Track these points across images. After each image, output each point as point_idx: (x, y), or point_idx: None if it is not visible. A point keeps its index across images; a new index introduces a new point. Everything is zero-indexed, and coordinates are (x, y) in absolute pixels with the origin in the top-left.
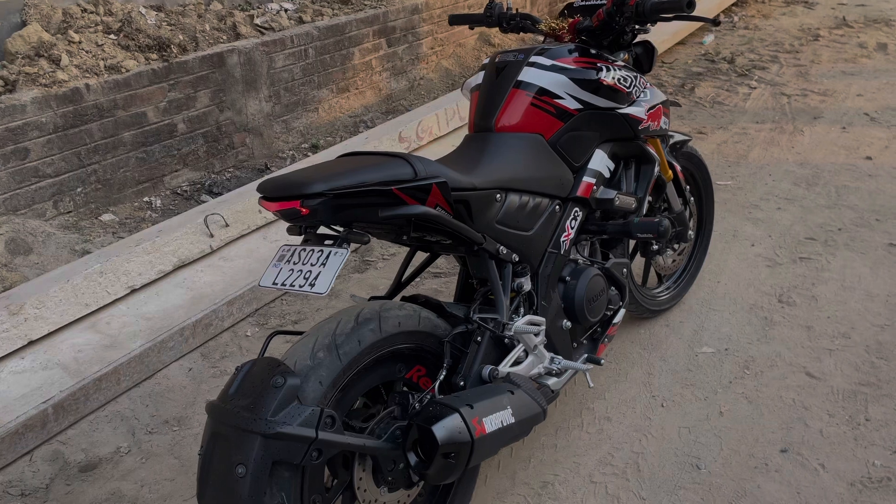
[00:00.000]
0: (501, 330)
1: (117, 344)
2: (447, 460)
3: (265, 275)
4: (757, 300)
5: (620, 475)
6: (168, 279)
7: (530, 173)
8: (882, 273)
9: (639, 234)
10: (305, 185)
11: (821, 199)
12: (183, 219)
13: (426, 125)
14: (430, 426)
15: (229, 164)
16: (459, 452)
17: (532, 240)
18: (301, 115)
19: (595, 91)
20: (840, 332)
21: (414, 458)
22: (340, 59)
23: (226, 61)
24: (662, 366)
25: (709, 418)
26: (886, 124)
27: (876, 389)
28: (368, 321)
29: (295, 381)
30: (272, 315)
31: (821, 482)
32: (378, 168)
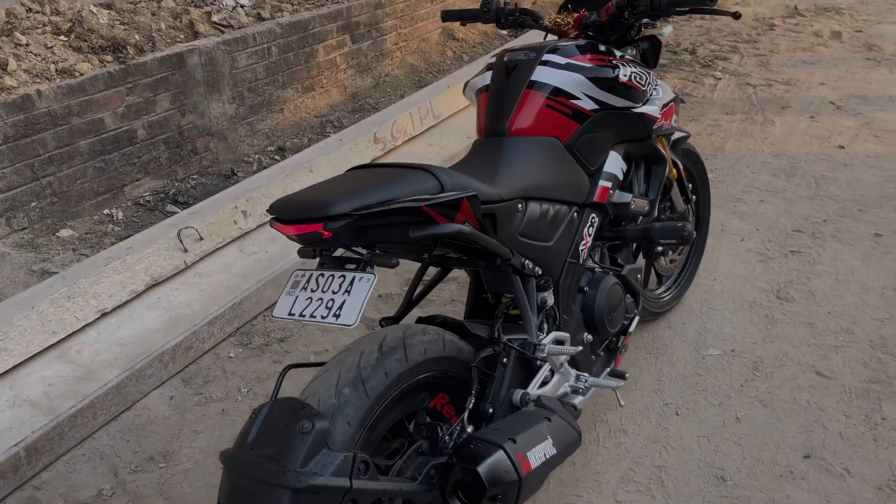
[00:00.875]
0: (533, 351)
1: (91, 374)
2: (494, 503)
3: (279, 304)
4: (755, 297)
5: (645, 492)
6: (141, 300)
7: (549, 180)
8: (873, 264)
9: (661, 240)
10: (328, 205)
11: (802, 191)
12: (153, 233)
13: (401, 125)
14: (474, 467)
15: (193, 170)
16: (507, 493)
17: (553, 251)
18: (266, 117)
19: (610, 90)
20: (842, 328)
21: (457, 502)
22: (304, 57)
23: (186, 62)
24: (671, 371)
25: (726, 425)
26: (853, 112)
27: (887, 387)
28: (393, 350)
29: (324, 425)
30: (255, 333)
31: (848, 488)
32: (402, 182)
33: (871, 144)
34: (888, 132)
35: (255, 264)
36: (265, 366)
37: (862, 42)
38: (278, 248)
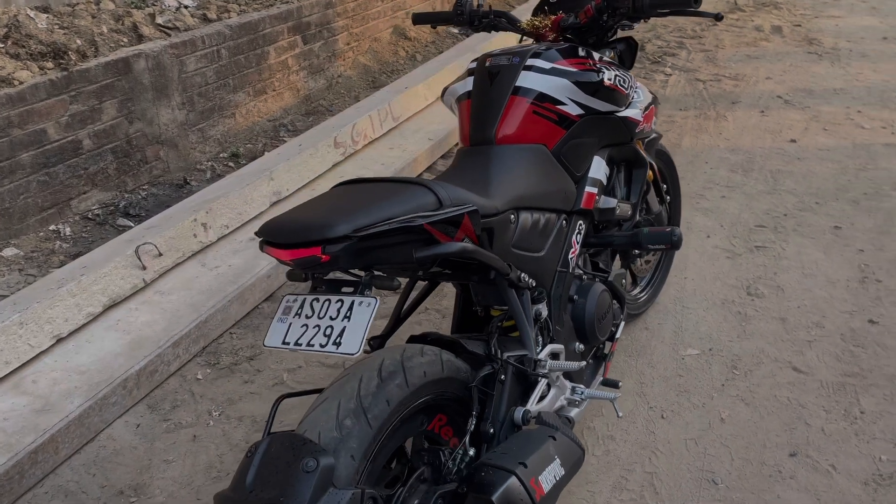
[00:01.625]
0: (534, 367)
1: (51, 406)
2: None
3: (271, 332)
4: (726, 294)
5: (639, 499)
6: (99, 322)
7: (539, 188)
8: (835, 257)
9: (651, 245)
10: (326, 227)
11: (760, 185)
12: (108, 250)
13: (360, 128)
14: (490, 496)
15: (143, 180)
16: None
17: (544, 261)
18: (217, 122)
19: (595, 94)
20: (813, 322)
21: None
22: (255, 60)
23: (132, 67)
24: (652, 373)
25: (712, 426)
26: (800, 106)
27: (862, 380)
28: (393, 375)
29: (329, 462)
30: (222, 352)
31: (836, 485)
32: (400, 199)
33: (821, 137)
34: (835, 125)
35: (218, 279)
36: (236, 386)
37: (802, 36)
38: (242, 261)
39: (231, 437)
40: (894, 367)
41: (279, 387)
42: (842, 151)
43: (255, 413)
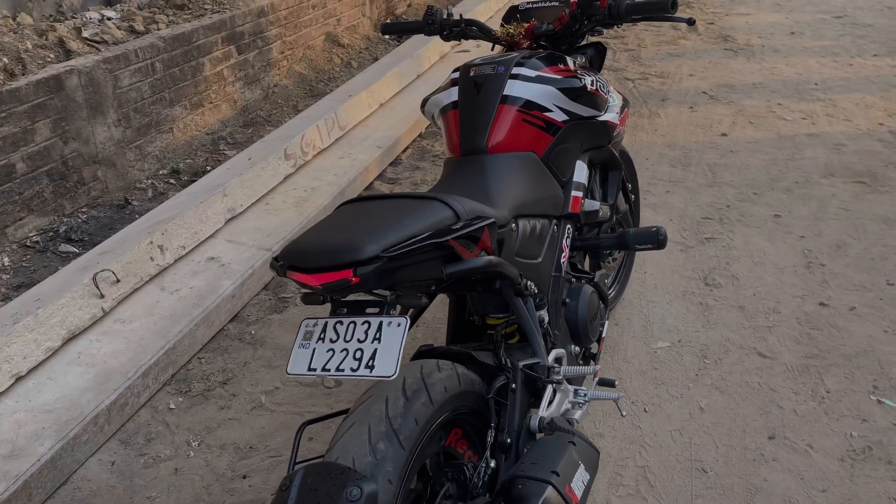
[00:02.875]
0: (548, 375)
1: (19, 450)
2: None
3: (293, 359)
4: (686, 286)
5: (636, 494)
6: (59, 357)
7: (533, 195)
8: (779, 244)
9: (637, 245)
10: (355, 248)
11: (700, 179)
12: (61, 280)
13: (309, 138)
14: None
15: (81, 203)
16: None
17: (542, 267)
18: (155, 138)
19: (578, 99)
20: (770, 308)
21: None
22: (191, 72)
23: (65, 84)
24: (629, 368)
25: (692, 416)
26: (725, 101)
27: (822, 360)
28: (418, 393)
29: (372, 488)
30: (193, 379)
31: (816, 463)
32: (420, 216)
33: (749, 131)
34: (760, 118)
35: (181, 303)
36: (212, 413)
37: (716, 34)
38: (203, 282)
39: (216, 467)
40: (850, 346)
41: (258, 410)
42: (769, 143)
43: (238, 440)
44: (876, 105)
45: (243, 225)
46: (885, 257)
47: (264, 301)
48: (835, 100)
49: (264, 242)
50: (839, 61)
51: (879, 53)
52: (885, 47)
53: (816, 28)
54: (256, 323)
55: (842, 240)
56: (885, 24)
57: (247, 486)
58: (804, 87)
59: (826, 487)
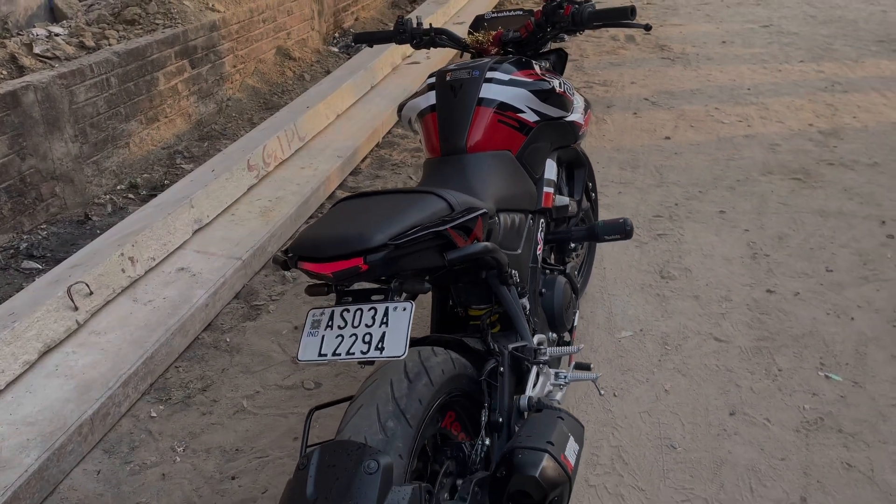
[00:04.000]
0: (534, 356)
1: (5, 462)
2: None
3: (303, 347)
4: (643, 280)
5: (612, 472)
6: (37, 370)
7: (511, 191)
8: (726, 238)
9: (606, 236)
10: (364, 238)
11: (649, 180)
12: (34, 294)
13: (270, 150)
14: (534, 474)
15: (40, 219)
16: (562, 494)
17: (521, 258)
18: (112, 153)
19: (547, 101)
20: (722, 297)
21: None
22: (145, 86)
23: (21, 100)
24: (596, 357)
25: (659, 398)
26: (666, 106)
27: (773, 342)
28: (419, 376)
29: (388, 461)
30: (171, 387)
31: (774, 435)
32: (419, 207)
33: (691, 134)
34: (700, 122)
35: (155, 313)
36: (194, 419)
37: (653, 44)
38: (176, 292)
39: (203, 471)
40: (796, 328)
41: (241, 414)
42: (710, 145)
43: (223, 443)
44: (805, 107)
45: (211, 235)
46: (823, 246)
47: (237, 309)
48: (767, 103)
49: (233, 252)
50: (768, 67)
51: (805, 59)
52: (810, 54)
53: (746, 37)
54: (231, 331)
55: (783, 232)
56: (808, 33)
57: (236, 487)
58: (738, 92)
59: (785, 456)
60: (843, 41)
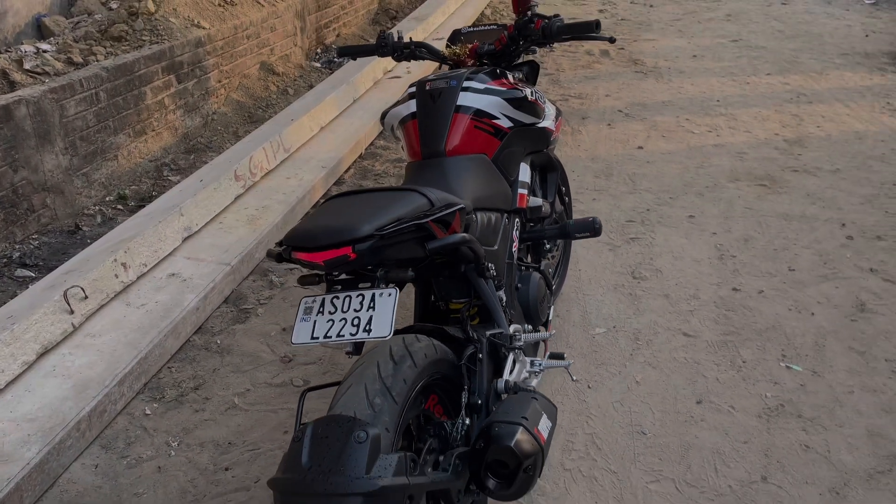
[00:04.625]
0: (510, 342)
1: (7, 456)
2: (526, 474)
3: (297, 331)
4: (617, 280)
5: (586, 456)
6: (35, 370)
7: (487, 191)
8: (695, 241)
9: (577, 234)
10: (353, 229)
11: (622, 187)
12: (31, 298)
13: (256, 160)
14: (509, 444)
15: (32, 230)
16: (535, 462)
17: (498, 254)
18: (101, 166)
19: (520, 108)
20: (690, 295)
21: (493, 482)
22: (133, 101)
23: (14, 114)
24: (571, 352)
25: (630, 389)
26: (639, 118)
27: (738, 336)
28: (404, 358)
29: (376, 432)
30: (165, 387)
31: (738, 421)
32: (402, 203)
33: (662, 143)
34: (671, 132)
35: (148, 316)
36: (188, 416)
37: (627, 58)
38: (168, 297)
39: (198, 463)
40: (760, 323)
41: (232, 410)
42: (681, 154)
43: (216, 437)
44: (771, 118)
45: (200, 243)
46: (786, 247)
47: (226, 313)
48: (735, 114)
49: (222, 258)
50: (737, 80)
51: (772, 72)
52: (777, 67)
53: (716, 51)
54: (221, 333)
55: (748, 234)
56: (776, 47)
57: (230, 477)
58: (708, 104)
59: (747, 440)
60: (808, 54)
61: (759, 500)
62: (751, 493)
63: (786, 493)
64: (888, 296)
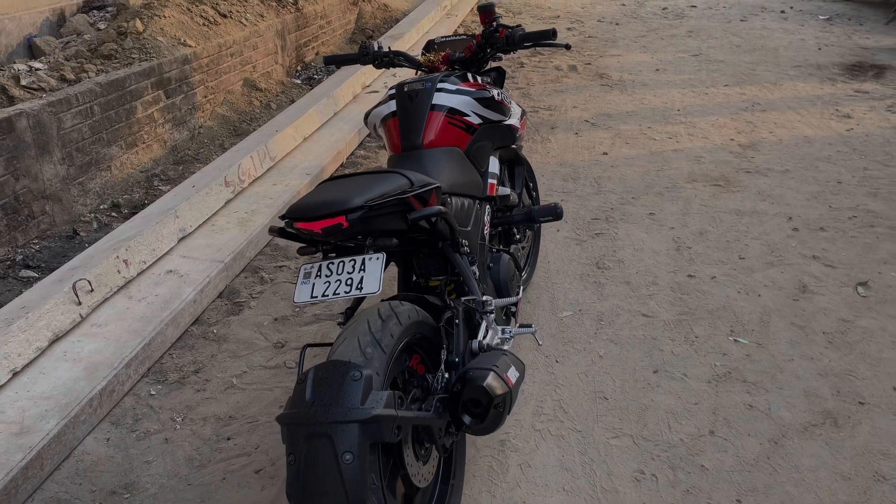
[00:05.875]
0: (483, 308)
1: (27, 428)
2: (496, 410)
3: (298, 292)
4: (582, 270)
5: (554, 418)
6: (48, 355)
7: (461, 179)
8: (654, 235)
9: (541, 218)
10: (346, 201)
11: (588, 189)
12: (42, 290)
13: (245, 168)
14: (481, 384)
15: (32, 235)
16: (504, 401)
17: (471, 234)
18: (95, 176)
19: (489, 107)
20: (649, 282)
21: (469, 418)
22: (125, 114)
23: (15, 126)
24: (541, 332)
25: (594, 363)
26: (605, 127)
27: (691, 316)
28: (390, 317)
29: (369, 372)
30: (167, 371)
31: (689, 387)
32: (386, 182)
33: (626, 149)
34: (634, 139)
35: (149, 308)
36: (190, 395)
37: (594, 72)
38: (167, 291)
39: (202, 434)
40: (711, 304)
41: (231, 390)
42: (643, 158)
43: (217, 413)
44: (727, 125)
45: (194, 243)
46: (737, 239)
47: (221, 306)
48: (694, 122)
49: (216, 256)
50: (697, 91)
51: (730, 84)
52: (734, 79)
53: (677, 65)
54: (217, 324)
55: (703, 228)
56: (733, 60)
57: (232, 445)
58: (669, 113)
59: (698, 402)
60: (764, 67)
61: (707, 450)
62: (700, 444)
63: (731, 444)
64: (828, 279)
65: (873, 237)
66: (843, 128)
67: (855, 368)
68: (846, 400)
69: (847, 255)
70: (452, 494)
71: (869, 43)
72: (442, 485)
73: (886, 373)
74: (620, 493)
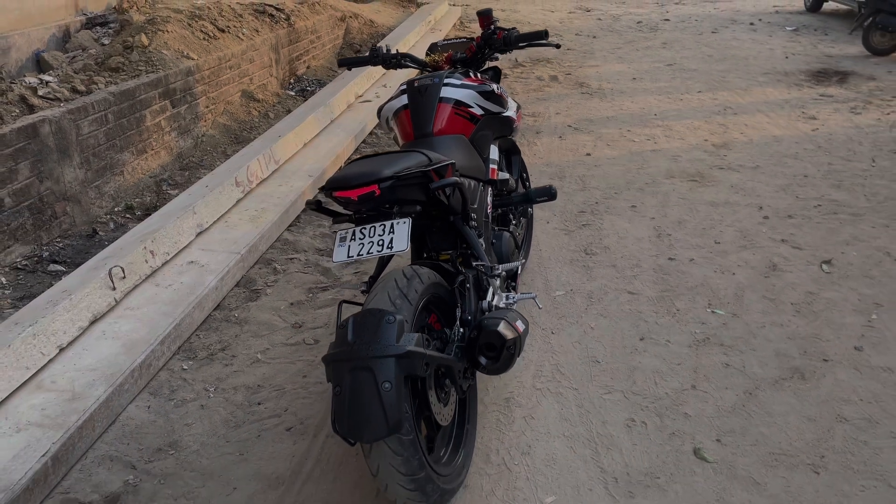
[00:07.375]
0: (491, 272)
1: (78, 395)
2: (508, 352)
3: (336, 253)
4: (572, 256)
5: (552, 379)
6: (88, 335)
7: (468, 163)
8: (636, 224)
9: (537, 198)
10: (378, 173)
11: (574, 186)
12: (80, 276)
13: (252, 170)
14: (495, 328)
15: (55, 234)
16: (515, 344)
17: (477, 211)
18: (110, 180)
19: (489, 99)
20: (634, 264)
21: (485, 359)
22: (135, 122)
23: (39, 131)
24: (538, 310)
25: (586, 333)
26: (587, 131)
27: (672, 292)
28: (413, 276)
29: (401, 317)
30: (196, 349)
31: (672, 351)
32: (409, 158)
33: (607, 151)
34: (615, 141)
35: (176, 293)
36: (219, 369)
37: (574, 81)
38: (190, 279)
39: (234, 400)
40: (691, 282)
41: (257, 364)
42: (624, 158)
43: (246, 383)
44: (702, 127)
45: (211, 237)
46: (713, 227)
47: (239, 293)
48: (670, 125)
49: (232, 248)
50: (672, 97)
51: (703, 90)
52: (707, 85)
53: (653, 74)
54: (237, 309)
55: (682, 218)
56: (705, 69)
57: (263, 409)
58: (647, 118)
59: (680, 362)
60: (735, 74)
61: (690, 401)
62: (683, 396)
63: (710, 396)
64: (795, 259)
65: (836, 223)
66: (809, 128)
67: (820, 332)
68: (812, 358)
69: (812, 238)
70: (467, 438)
71: (834, 51)
72: (458, 429)
73: (848, 335)
74: (614, 437)
